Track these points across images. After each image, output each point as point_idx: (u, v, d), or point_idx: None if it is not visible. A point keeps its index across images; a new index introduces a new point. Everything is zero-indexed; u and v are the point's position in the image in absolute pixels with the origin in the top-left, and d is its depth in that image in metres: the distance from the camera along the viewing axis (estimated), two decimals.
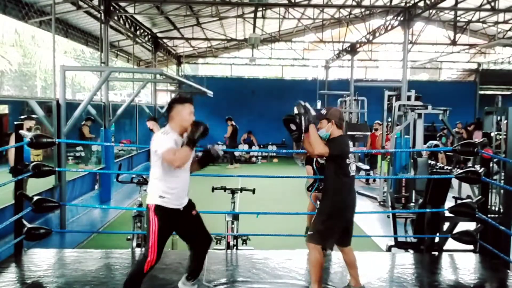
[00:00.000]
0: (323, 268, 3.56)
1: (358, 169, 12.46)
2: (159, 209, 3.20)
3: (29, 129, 6.15)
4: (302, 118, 3.57)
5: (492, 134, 6.21)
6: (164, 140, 3.14)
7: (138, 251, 4.74)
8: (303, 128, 3.56)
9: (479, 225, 4.53)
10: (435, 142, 8.59)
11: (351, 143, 12.50)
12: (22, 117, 7.19)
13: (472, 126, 13.63)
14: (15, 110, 9.21)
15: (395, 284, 3.89)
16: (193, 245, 3.47)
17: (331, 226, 3.52)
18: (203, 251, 3.49)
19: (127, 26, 11.55)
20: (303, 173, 6.44)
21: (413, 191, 7.54)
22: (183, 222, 3.35)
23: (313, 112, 3.59)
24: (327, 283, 3.86)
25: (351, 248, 3.71)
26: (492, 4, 10.73)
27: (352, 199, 3.64)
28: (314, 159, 5.60)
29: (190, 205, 3.43)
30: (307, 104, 3.61)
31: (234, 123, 15.23)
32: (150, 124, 8.18)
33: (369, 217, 7.93)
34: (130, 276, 3.27)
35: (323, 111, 3.65)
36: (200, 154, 3.58)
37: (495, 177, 6.02)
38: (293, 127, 3.65)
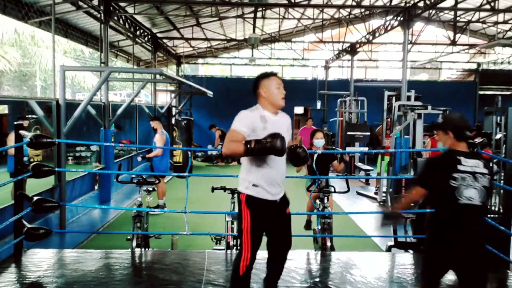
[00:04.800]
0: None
1: (359, 169, 12.46)
2: (251, 200, 2.93)
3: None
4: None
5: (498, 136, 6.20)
6: (241, 117, 2.90)
7: (138, 251, 4.73)
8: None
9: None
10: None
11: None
12: (17, 117, 7.18)
13: (473, 132, 13.52)
14: (15, 110, 9.21)
15: (395, 284, 3.89)
16: (271, 245, 3.16)
17: (430, 263, 2.93)
18: (279, 256, 3.18)
19: (127, 26, 11.55)
20: (302, 172, 6.45)
21: None
22: (276, 216, 3.07)
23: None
24: (327, 283, 3.86)
25: None
26: (492, 4, 10.73)
27: (459, 235, 2.76)
28: (314, 159, 5.62)
29: (286, 200, 3.17)
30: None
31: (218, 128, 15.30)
32: (154, 123, 8.23)
33: (369, 217, 7.93)
34: (231, 283, 3.02)
35: (439, 120, 3.01)
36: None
37: (495, 177, 6.02)
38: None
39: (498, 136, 6.22)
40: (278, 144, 2.75)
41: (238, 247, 3.00)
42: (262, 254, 4.39)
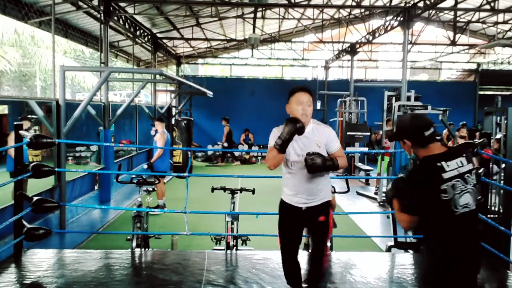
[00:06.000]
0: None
1: (359, 169, 12.46)
2: (281, 203, 3.21)
3: (25, 130, 6.16)
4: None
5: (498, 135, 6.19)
6: (272, 135, 3.10)
7: (138, 251, 4.74)
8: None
9: (479, 225, 4.51)
10: None
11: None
12: (20, 117, 7.18)
13: (477, 133, 13.52)
14: (15, 110, 9.20)
15: (395, 284, 3.89)
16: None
17: None
18: (313, 259, 3.30)
19: (127, 26, 11.55)
20: None
21: None
22: (304, 223, 3.21)
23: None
24: (327, 283, 3.86)
25: None
26: (492, 4, 10.73)
27: (467, 260, 2.35)
28: None
29: (319, 209, 3.11)
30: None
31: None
32: (156, 124, 8.28)
33: (369, 217, 7.94)
34: None
35: (389, 129, 2.56)
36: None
37: (495, 177, 6.02)
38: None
39: (498, 136, 6.22)
40: (293, 122, 2.85)
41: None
42: (263, 254, 4.41)
